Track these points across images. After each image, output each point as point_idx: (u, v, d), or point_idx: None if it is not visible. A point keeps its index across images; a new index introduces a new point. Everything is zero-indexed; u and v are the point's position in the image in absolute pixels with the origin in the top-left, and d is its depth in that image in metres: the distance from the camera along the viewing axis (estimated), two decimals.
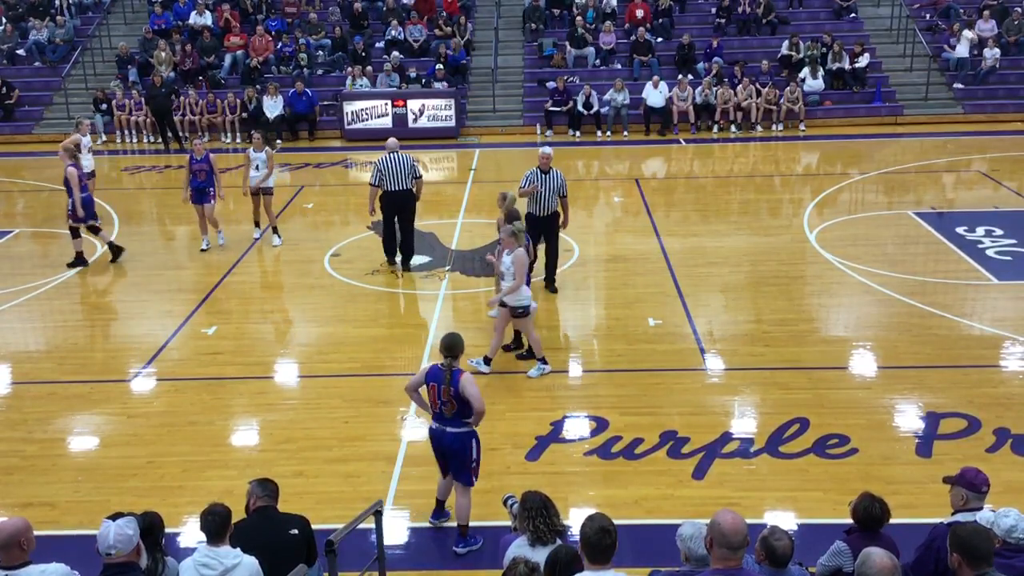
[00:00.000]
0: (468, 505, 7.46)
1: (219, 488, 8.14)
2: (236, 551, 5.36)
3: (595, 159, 21.13)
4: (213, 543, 5.37)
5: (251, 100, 22.68)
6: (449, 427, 7.26)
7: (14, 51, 25.05)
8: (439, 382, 7.17)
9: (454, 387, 7.10)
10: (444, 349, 7.26)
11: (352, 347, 11.31)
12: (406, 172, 13.28)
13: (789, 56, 23.63)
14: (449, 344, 7.26)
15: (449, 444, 7.29)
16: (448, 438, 7.28)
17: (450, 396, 7.13)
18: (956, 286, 12.85)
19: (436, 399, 7.21)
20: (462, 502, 7.45)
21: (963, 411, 9.37)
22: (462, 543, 7.48)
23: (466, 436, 7.29)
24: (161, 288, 13.36)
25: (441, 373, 7.17)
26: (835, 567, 5.59)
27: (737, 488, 8.21)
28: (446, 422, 7.26)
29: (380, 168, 13.25)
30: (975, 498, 5.51)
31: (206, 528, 5.39)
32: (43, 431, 9.54)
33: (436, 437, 7.38)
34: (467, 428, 7.27)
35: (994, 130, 21.99)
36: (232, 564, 5.29)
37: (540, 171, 12.31)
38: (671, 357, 10.81)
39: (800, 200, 17.24)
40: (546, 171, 12.31)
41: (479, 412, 7.19)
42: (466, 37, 24.84)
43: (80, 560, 5.35)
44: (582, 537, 4.77)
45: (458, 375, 7.12)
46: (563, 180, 12.54)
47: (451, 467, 7.44)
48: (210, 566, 5.27)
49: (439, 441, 7.36)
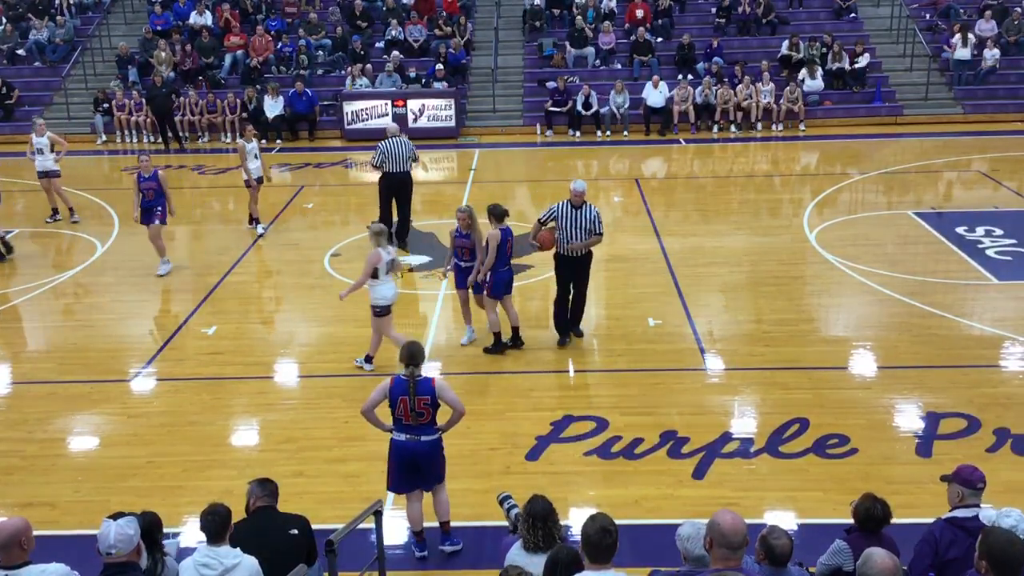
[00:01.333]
0: (447, 499, 7.45)
1: (219, 488, 8.14)
2: (236, 551, 5.36)
3: (595, 159, 21.13)
4: (213, 543, 5.37)
5: (251, 100, 22.68)
6: (424, 436, 7.12)
7: (14, 51, 25.04)
8: (408, 393, 6.98)
9: (429, 395, 6.99)
10: (407, 358, 7.06)
11: (352, 347, 11.30)
12: (405, 156, 14.21)
13: (789, 56, 23.63)
14: (412, 353, 7.08)
15: (426, 453, 7.16)
16: (424, 448, 7.14)
17: (425, 405, 7.01)
18: (956, 286, 12.85)
19: (408, 411, 7.02)
20: (442, 498, 7.42)
21: (963, 411, 9.38)
22: (448, 541, 7.47)
23: (439, 442, 7.24)
24: (161, 288, 13.36)
25: (406, 384, 7.01)
26: (835, 566, 5.60)
27: (737, 488, 8.21)
28: (420, 431, 7.11)
29: (383, 150, 14.18)
30: (971, 494, 5.52)
31: (206, 528, 5.39)
32: (43, 431, 9.54)
33: (410, 450, 7.12)
34: (438, 435, 7.22)
35: (994, 130, 21.99)
36: (232, 564, 5.28)
37: (571, 206, 10.60)
38: (671, 357, 10.81)
39: (800, 200, 17.24)
40: (578, 206, 10.58)
41: (460, 415, 7.13)
42: (466, 37, 24.84)
43: (80, 560, 5.34)
44: (583, 536, 4.77)
45: (428, 383, 7.02)
46: (597, 216, 10.65)
47: (425, 477, 7.27)
48: (210, 566, 5.26)
49: (414, 453, 7.13)
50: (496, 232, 10.50)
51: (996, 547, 4.46)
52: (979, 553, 4.52)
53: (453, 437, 7.47)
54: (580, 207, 10.55)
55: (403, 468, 7.24)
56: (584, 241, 10.58)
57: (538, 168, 20.82)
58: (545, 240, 10.72)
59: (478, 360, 10.81)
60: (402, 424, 7.12)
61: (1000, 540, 4.51)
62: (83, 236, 14.32)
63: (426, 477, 7.28)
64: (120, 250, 15.03)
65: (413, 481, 7.31)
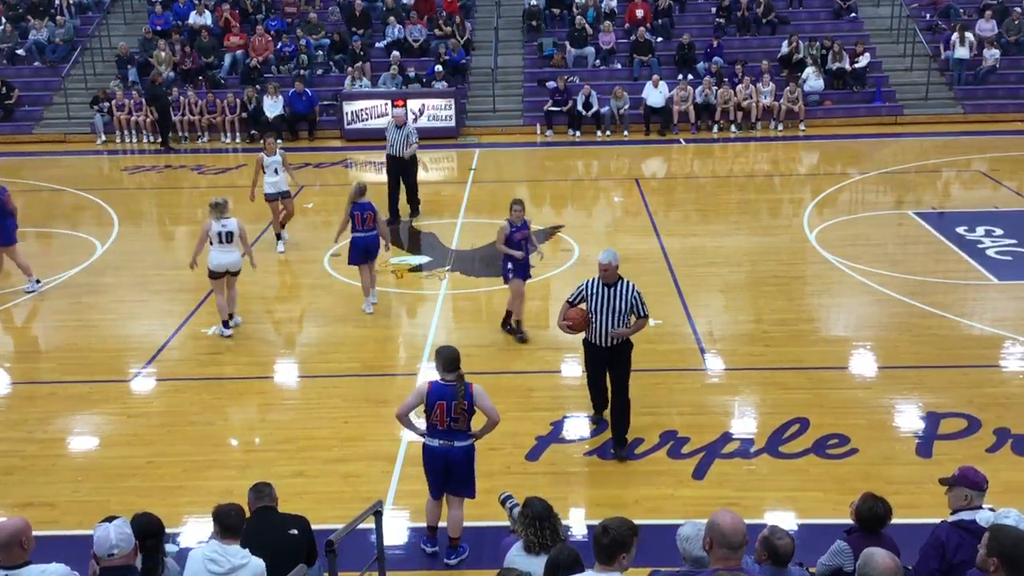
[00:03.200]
0: (462, 517, 7.36)
1: (219, 488, 8.15)
2: (245, 551, 5.39)
3: (595, 159, 21.12)
4: (227, 539, 5.40)
5: (251, 100, 22.68)
6: (458, 442, 7.09)
7: (14, 51, 25.02)
8: (449, 398, 6.96)
9: (467, 400, 6.97)
10: (448, 363, 7.04)
11: (352, 347, 11.30)
12: (401, 142, 15.72)
13: (789, 56, 23.63)
14: (451, 358, 7.06)
15: (458, 460, 7.12)
16: (458, 454, 7.10)
17: (462, 411, 7.00)
18: (956, 286, 12.85)
19: (445, 416, 7.00)
20: (457, 514, 7.34)
21: (963, 411, 9.37)
22: (453, 554, 7.40)
23: (471, 448, 7.20)
24: (161, 288, 13.35)
25: (449, 388, 6.98)
26: (835, 567, 5.60)
27: (737, 488, 8.21)
28: (454, 437, 7.08)
29: (388, 134, 16.01)
30: (978, 496, 5.53)
31: (225, 522, 5.45)
32: (43, 431, 9.54)
33: (442, 454, 7.10)
34: (472, 440, 7.19)
35: (994, 130, 21.99)
36: (239, 564, 5.32)
37: (603, 283, 8.55)
38: (671, 357, 10.80)
39: (800, 200, 17.24)
40: (611, 284, 8.53)
41: (495, 423, 7.11)
42: (466, 37, 24.84)
43: (80, 560, 5.35)
44: (591, 537, 4.76)
45: (467, 388, 7.01)
46: (638, 297, 8.52)
47: (453, 483, 7.23)
48: (218, 562, 5.30)
49: (446, 458, 7.10)
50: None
51: (1008, 544, 4.44)
52: (987, 551, 4.49)
53: None
54: (614, 284, 8.48)
55: (435, 473, 7.21)
56: (620, 328, 8.53)
57: (538, 168, 20.82)
58: (576, 320, 8.69)
59: (478, 360, 10.78)
60: (436, 429, 7.08)
61: (1012, 537, 4.49)
62: (83, 236, 14.30)
63: (457, 482, 7.22)
64: (120, 250, 15.02)
65: (444, 485, 7.27)
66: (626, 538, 4.57)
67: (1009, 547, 4.43)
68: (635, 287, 8.53)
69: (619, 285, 8.48)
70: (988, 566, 4.48)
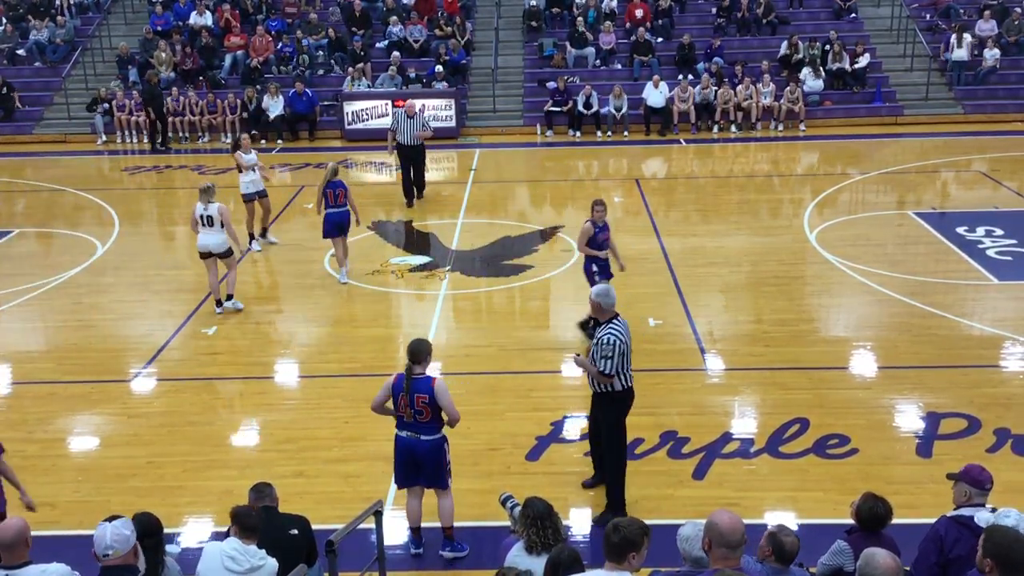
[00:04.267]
0: (451, 506, 7.34)
1: (219, 488, 8.16)
2: (262, 552, 5.44)
3: (595, 159, 21.12)
4: (247, 539, 5.42)
5: (251, 100, 22.68)
6: (424, 435, 7.07)
7: (14, 51, 25.03)
8: (406, 391, 6.96)
9: (427, 394, 6.94)
10: (412, 355, 7.02)
11: (352, 347, 11.30)
12: (410, 131, 16.66)
13: (789, 56, 23.63)
14: (414, 350, 7.04)
15: (425, 453, 7.10)
16: (423, 447, 7.08)
17: (424, 404, 6.95)
18: (956, 286, 12.84)
19: (408, 407, 6.99)
20: (445, 504, 7.33)
21: (963, 411, 9.37)
22: (448, 546, 7.39)
23: (440, 441, 7.16)
24: (161, 288, 13.36)
25: (403, 380, 6.99)
26: (836, 567, 5.59)
27: (737, 488, 8.21)
28: (420, 429, 7.07)
29: (398, 121, 16.99)
30: (978, 495, 5.52)
31: (246, 523, 5.49)
32: (43, 431, 9.54)
33: (409, 447, 7.09)
34: (441, 435, 7.15)
35: (994, 130, 21.99)
36: (258, 564, 5.39)
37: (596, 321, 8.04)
38: (671, 357, 10.80)
39: (800, 200, 17.24)
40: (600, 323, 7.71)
41: (455, 420, 7.07)
42: (466, 37, 24.84)
43: (80, 560, 5.34)
44: (602, 535, 4.75)
45: (428, 382, 6.96)
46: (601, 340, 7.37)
47: (424, 476, 7.21)
48: (237, 561, 5.36)
49: (412, 451, 7.09)
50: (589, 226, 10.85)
51: (1003, 546, 4.44)
52: (983, 552, 4.49)
53: (454, 437, 7.45)
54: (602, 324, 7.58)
55: (403, 464, 7.23)
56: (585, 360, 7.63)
57: (538, 168, 20.81)
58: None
59: (479, 360, 10.82)
60: (403, 421, 7.11)
61: (1007, 539, 4.49)
62: (83, 236, 14.30)
63: (427, 476, 7.23)
64: (120, 250, 15.02)
65: (413, 477, 7.27)
66: (636, 537, 4.56)
67: (1004, 548, 4.43)
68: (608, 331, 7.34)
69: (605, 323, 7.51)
70: (984, 567, 4.49)
